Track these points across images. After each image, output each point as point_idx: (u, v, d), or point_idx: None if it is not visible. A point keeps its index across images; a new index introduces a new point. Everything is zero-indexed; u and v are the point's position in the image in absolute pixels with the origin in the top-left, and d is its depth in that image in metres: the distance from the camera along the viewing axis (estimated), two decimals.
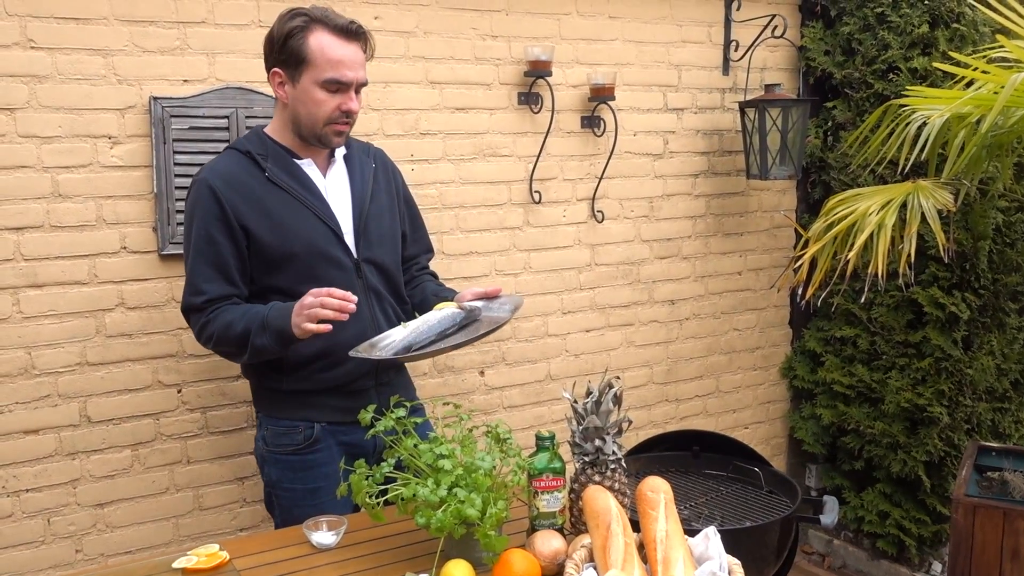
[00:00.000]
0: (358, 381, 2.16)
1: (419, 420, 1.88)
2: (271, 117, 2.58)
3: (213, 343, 2.08)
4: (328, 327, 1.91)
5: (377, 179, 2.24)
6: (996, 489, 2.73)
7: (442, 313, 2.03)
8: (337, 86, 2.02)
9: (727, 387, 3.76)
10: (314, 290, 1.93)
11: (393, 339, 1.98)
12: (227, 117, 2.55)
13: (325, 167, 2.17)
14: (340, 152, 2.20)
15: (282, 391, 2.15)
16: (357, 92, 2.07)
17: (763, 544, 1.92)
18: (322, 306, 1.89)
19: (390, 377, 2.25)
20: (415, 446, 1.75)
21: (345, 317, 1.90)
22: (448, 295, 2.22)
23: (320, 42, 2.00)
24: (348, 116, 2.07)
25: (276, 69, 2.06)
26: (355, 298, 1.91)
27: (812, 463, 3.96)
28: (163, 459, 2.63)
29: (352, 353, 1.95)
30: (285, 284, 2.08)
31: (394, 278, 2.25)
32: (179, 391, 2.63)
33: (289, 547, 1.86)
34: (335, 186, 2.17)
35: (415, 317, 2.05)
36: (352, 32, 2.03)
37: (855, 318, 3.59)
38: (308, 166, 2.13)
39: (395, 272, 2.25)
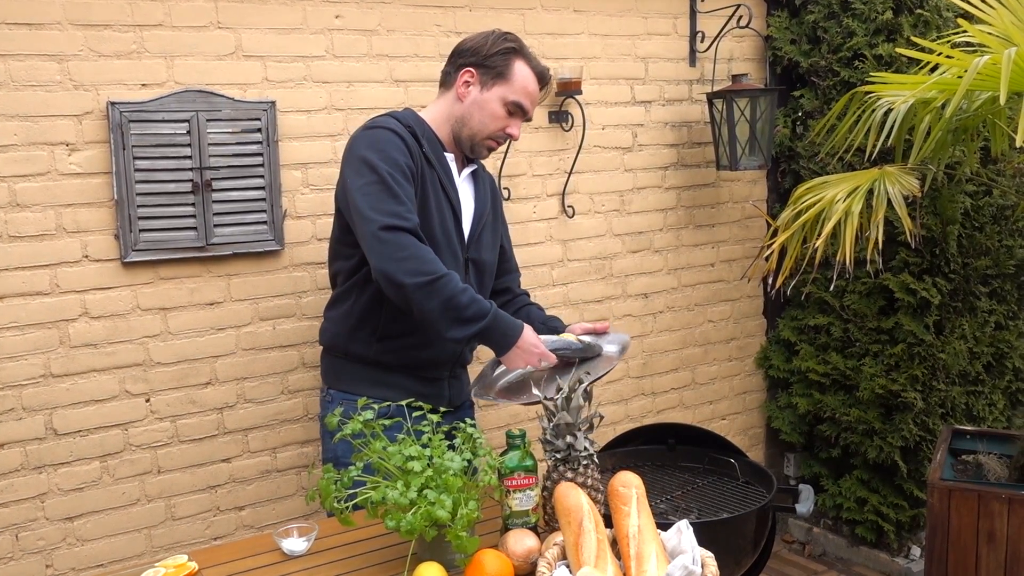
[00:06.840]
0: (438, 368, 2.29)
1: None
2: (235, 120, 2.57)
3: (423, 290, 1.99)
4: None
5: (492, 195, 2.41)
6: (971, 472, 2.75)
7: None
8: (517, 110, 2.21)
9: (703, 379, 3.75)
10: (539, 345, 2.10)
11: (503, 368, 2.17)
12: (188, 121, 2.51)
13: (459, 169, 2.30)
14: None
15: (367, 358, 2.22)
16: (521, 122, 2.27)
17: (740, 535, 1.91)
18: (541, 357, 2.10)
19: (459, 372, 2.37)
20: (384, 448, 1.73)
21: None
22: (558, 325, 2.34)
23: (523, 70, 2.21)
24: (504, 139, 2.25)
25: (471, 69, 2.20)
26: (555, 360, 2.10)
27: (790, 452, 3.97)
28: (133, 470, 2.59)
29: (479, 397, 2.24)
30: None
31: (488, 279, 2.39)
32: (147, 400, 2.59)
33: (259, 555, 1.83)
34: (463, 189, 2.30)
35: None
36: (545, 79, 2.26)
37: (828, 306, 3.60)
38: (451, 160, 2.26)
39: (490, 274, 2.40)
